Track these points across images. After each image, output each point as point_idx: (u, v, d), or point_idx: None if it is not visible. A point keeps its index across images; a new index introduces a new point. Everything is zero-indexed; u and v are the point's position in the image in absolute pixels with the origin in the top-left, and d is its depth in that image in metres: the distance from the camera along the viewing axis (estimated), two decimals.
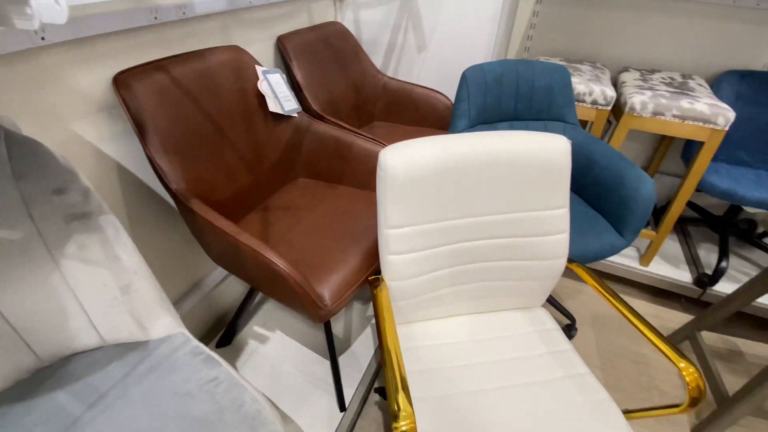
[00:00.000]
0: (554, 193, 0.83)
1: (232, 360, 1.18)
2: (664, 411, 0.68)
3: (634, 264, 1.52)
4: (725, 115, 1.16)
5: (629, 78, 1.42)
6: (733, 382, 1.27)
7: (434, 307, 0.91)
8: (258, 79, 1.03)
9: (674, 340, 1.34)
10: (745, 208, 1.56)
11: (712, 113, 1.17)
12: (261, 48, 1.18)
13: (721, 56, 1.47)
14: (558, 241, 0.86)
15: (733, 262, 1.55)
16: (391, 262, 0.81)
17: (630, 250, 1.59)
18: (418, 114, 1.52)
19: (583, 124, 1.72)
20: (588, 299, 1.55)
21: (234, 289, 1.37)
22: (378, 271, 0.84)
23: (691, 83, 1.37)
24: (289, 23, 1.28)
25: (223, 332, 1.18)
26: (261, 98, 1.04)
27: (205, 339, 1.26)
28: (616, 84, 1.50)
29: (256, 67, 1.04)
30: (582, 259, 1.05)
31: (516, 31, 1.72)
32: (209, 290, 1.18)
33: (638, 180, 1.05)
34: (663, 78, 1.41)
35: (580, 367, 0.83)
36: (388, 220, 0.78)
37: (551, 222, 0.84)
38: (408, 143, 0.78)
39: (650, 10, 1.49)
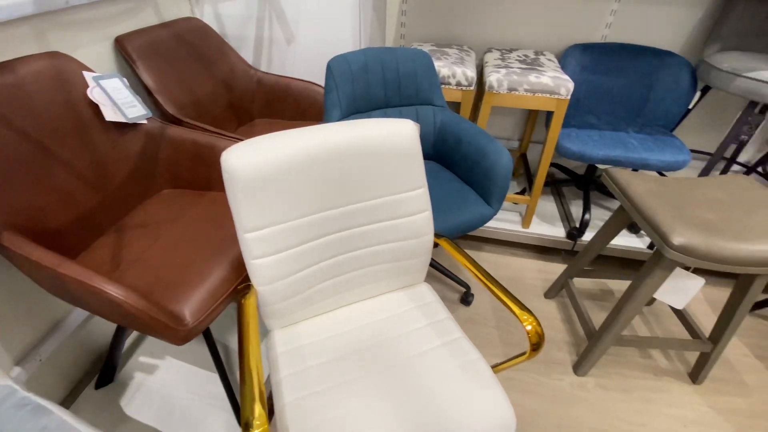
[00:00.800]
0: (411, 175, 0.86)
1: (116, 398, 1.07)
2: (515, 360, 0.76)
3: (518, 228, 1.68)
4: (566, 86, 1.31)
5: (491, 58, 1.53)
6: (601, 319, 1.47)
7: (316, 304, 0.91)
8: (88, 86, 0.91)
9: (554, 290, 1.51)
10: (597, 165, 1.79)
11: (555, 85, 1.31)
12: (94, 52, 1.05)
13: (567, 32, 1.65)
14: (422, 219, 0.90)
15: (596, 213, 1.78)
16: (257, 266, 0.78)
17: (513, 215, 1.74)
18: (299, 107, 1.49)
19: (455, 105, 1.83)
20: (483, 265, 1.68)
21: (106, 322, 1.23)
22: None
23: (542, 59, 1.52)
24: (130, 22, 1.16)
25: (100, 371, 1.06)
26: (96, 108, 0.93)
27: (82, 382, 1.13)
28: (481, 65, 1.61)
29: (85, 73, 0.92)
30: (456, 230, 1.12)
31: (390, 19, 1.76)
32: (75, 328, 1.04)
33: (496, 153, 1.14)
34: (519, 56, 1.54)
35: (456, 332, 0.89)
36: (244, 224, 0.75)
37: (412, 202, 0.88)
38: (251, 141, 0.75)
39: None
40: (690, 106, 1.51)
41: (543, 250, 1.77)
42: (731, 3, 1.41)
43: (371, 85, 1.22)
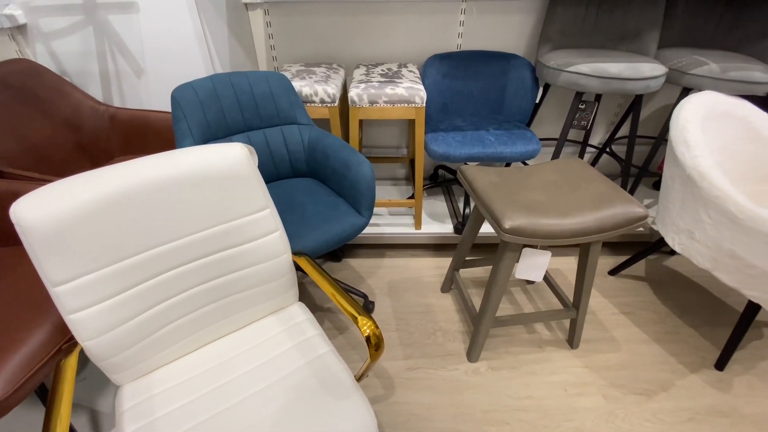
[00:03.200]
0: (248, 198, 0.85)
1: None
2: (368, 364, 0.78)
3: (411, 230, 1.74)
4: (419, 94, 1.40)
5: (357, 74, 1.59)
6: None
7: (170, 347, 0.86)
8: None
9: (447, 284, 1.58)
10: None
11: (410, 95, 1.40)
12: None
13: (426, 44, 1.78)
14: (272, 240, 0.90)
15: None
16: (77, 320, 0.72)
17: (407, 219, 1.81)
18: (163, 140, 1.42)
19: (325, 121, 1.87)
20: (385, 271, 1.71)
21: None
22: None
23: (404, 71, 1.62)
24: None
25: None
26: None
27: None
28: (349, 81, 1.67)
29: None
30: (331, 243, 1.13)
31: (259, 44, 1.76)
32: None
33: (358, 165, 1.18)
34: (382, 70, 1.62)
35: (322, 348, 0.89)
36: (51, 277, 0.68)
37: (257, 225, 0.87)
38: (46, 189, 0.69)
39: (368, 13, 1.69)
40: (537, 101, 1.70)
41: (438, 247, 1.85)
42: (553, 7, 1.62)
43: (226, 110, 1.20)
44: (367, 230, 1.74)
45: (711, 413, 1.19)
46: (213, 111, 1.18)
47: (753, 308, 1.23)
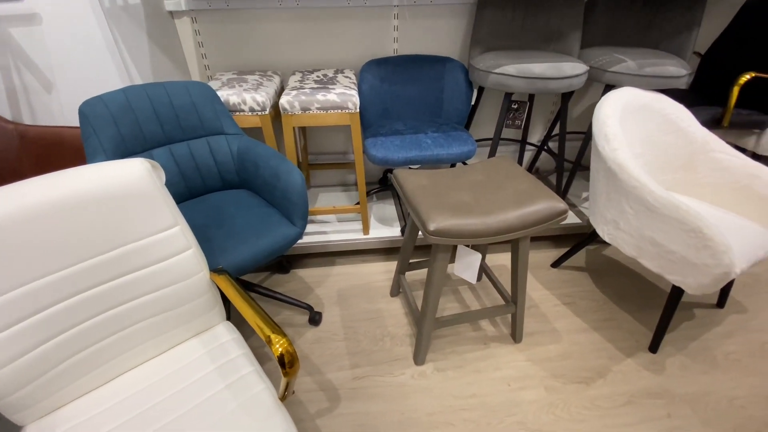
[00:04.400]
0: (153, 216, 0.81)
1: None
2: (285, 383, 0.75)
3: (360, 236, 1.73)
4: (352, 100, 1.39)
5: (292, 81, 1.57)
6: None
7: (79, 379, 0.79)
8: None
9: (395, 288, 1.58)
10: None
11: (342, 101, 1.39)
12: None
13: (363, 49, 1.78)
14: (185, 259, 0.85)
15: None
16: None
17: (356, 225, 1.79)
18: (81, 157, 1.33)
19: (258, 130, 1.83)
20: (335, 280, 1.69)
21: None
22: None
23: (339, 77, 1.61)
24: None
25: None
26: None
27: None
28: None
29: None
30: (261, 256, 1.09)
31: (189, 52, 1.70)
32: None
33: (287, 173, 1.16)
34: (317, 76, 1.61)
35: (246, 368, 0.85)
36: None
37: (165, 244, 0.83)
38: None
39: (302, 19, 1.67)
40: (473, 103, 1.74)
41: (388, 251, 1.85)
42: (482, 11, 1.66)
43: (142, 123, 1.14)
44: (315, 239, 1.71)
45: (646, 396, 1.24)
46: (127, 125, 1.11)
47: (677, 292, 1.30)
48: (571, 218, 1.84)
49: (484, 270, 1.54)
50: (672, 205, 1.13)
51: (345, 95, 1.38)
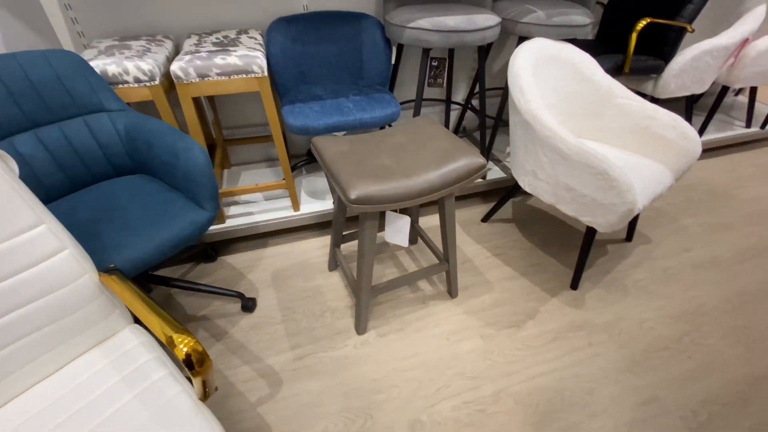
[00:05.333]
0: (11, 216, 0.67)
1: None
2: (199, 382, 0.69)
3: (290, 212, 1.64)
4: (257, 62, 1.26)
5: (187, 45, 1.38)
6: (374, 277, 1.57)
7: None
8: None
9: (333, 262, 1.53)
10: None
11: (245, 63, 1.25)
12: None
13: (270, 6, 1.60)
14: (60, 262, 0.72)
15: None
16: None
17: (285, 202, 1.70)
18: None
19: (149, 105, 1.63)
20: (268, 262, 1.60)
21: None
22: None
23: (243, 38, 1.44)
24: None
25: None
26: None
27: None
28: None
29: None
30: (164, 249, 0.97)
31: (53, 16, 1.41)
32: None
33: (186, 150, 1.02)
34: (217, 38, 1.43)
35: (158, 372, 0.77)
36: None
37: (29, 248, 0.69)
38: None
39: None
40: (393, 62, 1.67)
41: (323, 225, 1.79)
42: None
43: None
44: (241, 221, 1.59)
45: (570, 329, 1.35)
46: None
47: (591, 232, 1.41)
48: (497, 173, 1.90)
49: (417, 232, 1.55)
50: (581, 151, 1.19)
51: (248, 57, 1.24)
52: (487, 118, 1.99)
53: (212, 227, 1.56)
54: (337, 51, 1.67)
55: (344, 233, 1.46)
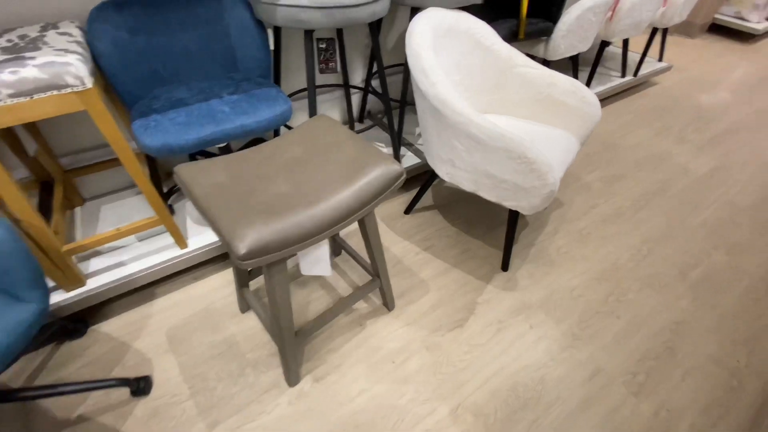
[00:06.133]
0: None
1: None
2: None
3: (175, 252, 1.32)
4: (72, 71, 0.89)
5: None
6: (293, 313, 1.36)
7: None
8: None
9: (243, 302, 1.28)
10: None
11: (53, 75, 0.88)
12: None
13: None
14: None
15: None
16: None
17: (166, 239, 1.36)
18: None
19: None
20: (160, 319, 1.28)
21: None
22: None
23: (50, 36, 1.03)
24: None
25: None
26: None
27: None
28: None
29: None
30: None
31: None
32: None
33: None
34: (8, 41, 1.00)
35: None
36: None
37: None
38: None
39: None
40: (272, 47, 1.39)
41: (224, 257, 1.50)
42: None
43: None
44: (109, 276, 1.23)
45: (510, 315, 1.31)
46: None
47: (514, 215, 1.36)
48: (411, 158, 1.77)
49: (339, 244, 1.36)
50: (498, 135, 1.09)
51: (56, 65, 0.87)
52: (392, 102, 1.83)
53: (67, 296, 1.18)
54: (198, 38, 1.33)
55: (250, 268, 1.21)
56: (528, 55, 2.01)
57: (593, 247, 1.57)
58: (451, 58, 1.40)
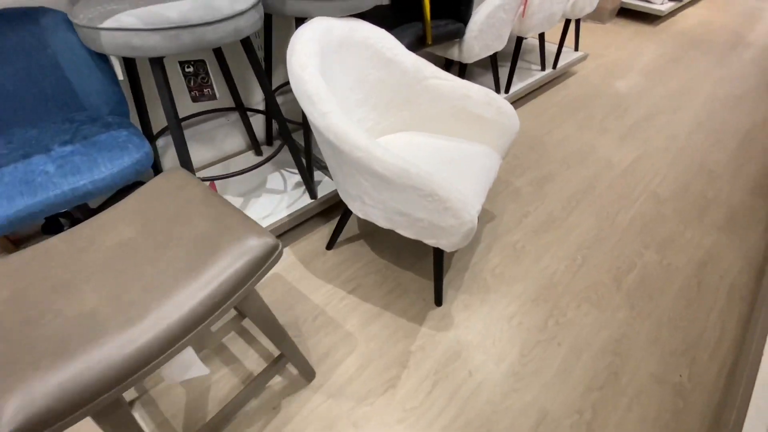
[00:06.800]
0: None
1: None
2: None
3: None
4: None
5: None
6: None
7: None
8: None
9: None
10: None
11: None
12: None
13: None
14: None
15: None
16: None
17: None
18: None
19: None
20: None
21: None
22: None
23: None
24: None
25: None
26: None
27: None
28: None
29: None
30: None
31: None
32: None
33: None
34: None
35: None
36: None
37: None
38: None
39: None
40: (121, 77, 1.11)
41: None
42: None
43: None
44: None
45: (447, 362, 1.16)
46: None
47: (439, 250, 1.21)
48: (329, 185, 1.57)
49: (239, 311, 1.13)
50: (403, 172, 0.92)
51: None
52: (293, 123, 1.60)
53: None
54: (16, 74, 1.02)
55: None
56: (444, 59, 1.88)
57: (528, 263, 1.47)
58: (349, 75, 1.20)
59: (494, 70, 2.08)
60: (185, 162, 1.09)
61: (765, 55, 3.20)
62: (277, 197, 1.51)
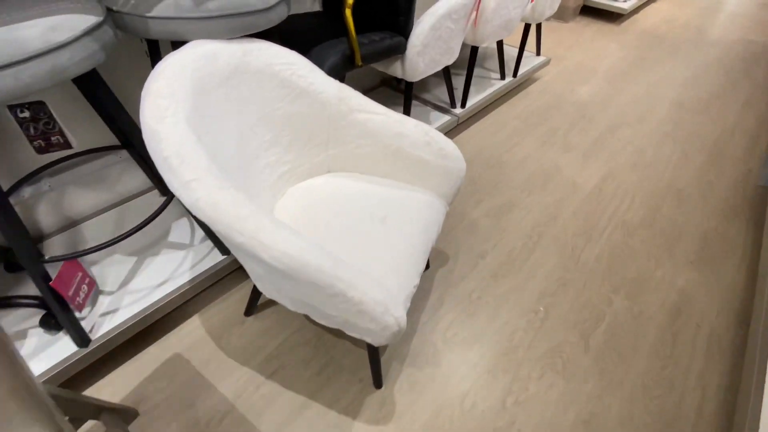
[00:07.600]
0: None
1: None
2: None
3: None
4: None
5: None
6: None
7: None
8: None
9: None
10: None
11: None
12: None
13: None
14: None
15: None
16: None
17: None
18: None
19: None
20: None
21: None
22: None
23: None
24: None
25: None
26: None
27: None
28: None
29: None
30: None
31: None
32: None
33: None
34: None
35: None
36: None
37: None
38: None
39: None
40: None
41: None
42: None
43: None
44: None
45: None
46: None
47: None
48: None
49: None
50: (299, 265, 0.67)
51: None
52: None
53: None
54: None
55: None
56: (390, 77, 1.63)
57: (485, 319, 1.27)
58: (249, 112, 0.94)
59: (447, 82, 1.85)
60: (18, 244, 0.80)
61: (730, 53, 3.14)
62: (181, 254, 1.23)
